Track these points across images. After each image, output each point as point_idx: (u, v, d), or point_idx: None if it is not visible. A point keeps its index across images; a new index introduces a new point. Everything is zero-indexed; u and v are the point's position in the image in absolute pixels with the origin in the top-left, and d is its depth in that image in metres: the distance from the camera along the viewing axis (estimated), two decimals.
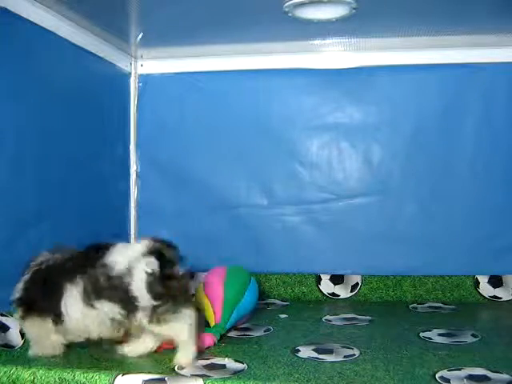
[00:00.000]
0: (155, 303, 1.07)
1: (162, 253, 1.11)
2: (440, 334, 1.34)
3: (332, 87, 1.84)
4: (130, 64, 1.88)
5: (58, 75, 1.49)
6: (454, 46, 1.73)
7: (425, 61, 1.78)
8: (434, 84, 1.79)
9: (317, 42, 1.73)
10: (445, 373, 1.05)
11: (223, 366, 1.10)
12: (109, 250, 1.12)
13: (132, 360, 1.14)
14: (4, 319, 1.21)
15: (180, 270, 1.13)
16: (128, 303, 1.08)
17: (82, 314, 1.09)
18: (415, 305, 1.70)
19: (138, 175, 1.91)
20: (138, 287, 1.07)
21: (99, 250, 1.12)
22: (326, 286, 1.82)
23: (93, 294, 1.09)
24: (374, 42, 1.71)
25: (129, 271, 1.08)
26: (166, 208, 1.89)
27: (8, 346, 1.17)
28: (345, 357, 1.17)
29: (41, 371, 0.92)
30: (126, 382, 0.93)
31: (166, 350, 1.18)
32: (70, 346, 1.16)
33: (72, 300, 1.09)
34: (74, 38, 1.54)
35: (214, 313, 1.34)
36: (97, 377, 0.90)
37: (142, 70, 1.90)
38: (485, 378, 1.03)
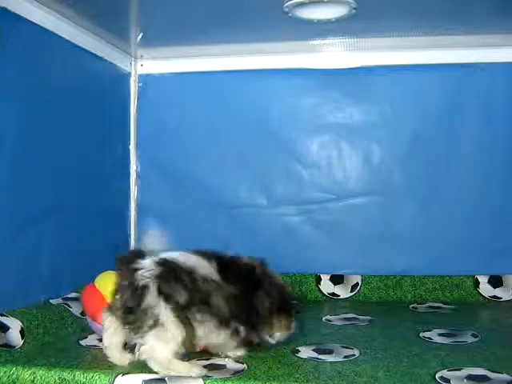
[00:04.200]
0: None
1: None
2: (440, 334, 1.34)
3: (332, 87, 1.84)
4: (130, 64, 1.88)
5: (58, 75, 1.49)
6: (454, 46, 1.73)
7: (425, 61, 1.78)
8: (434, 84, 1.79)
9: (317, 42, 1.73)
10: (445, 373, 1.05)
11: (223, 366, 1.10)
12: None
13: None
14: (4, 319, 1.21)
15: None
16: None
17: None
18: (415, 305, 1.69)
19: (138, 175, 1.91)
20: None
21: None
22: (326, 286, 1.81)
23: None
24: (373, 41, 1.71)
25: None
26: (166, 208, 1.89)
27: (8, 346, 1.17)
28: (345, 357, 1.17)
29: (41, 371, 0.92)
30: (125, 382, 0.93)
31: None
32: None
33: None
34: (74, 38, 1.54)
35: None
36: (97, 377, 0.90)
37: (141, 70, 1.90)
38: (485, 378, 1.03)
